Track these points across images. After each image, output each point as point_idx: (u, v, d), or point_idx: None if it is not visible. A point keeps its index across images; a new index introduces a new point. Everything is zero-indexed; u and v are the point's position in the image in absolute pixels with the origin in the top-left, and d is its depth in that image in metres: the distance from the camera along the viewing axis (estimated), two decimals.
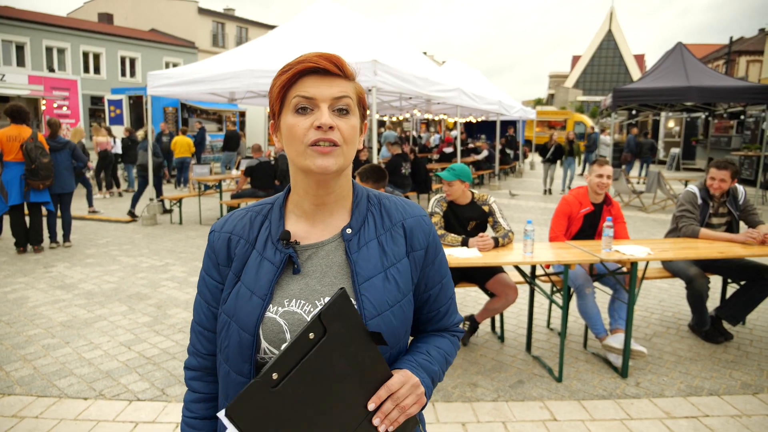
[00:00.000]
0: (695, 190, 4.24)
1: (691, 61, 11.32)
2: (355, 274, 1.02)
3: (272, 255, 1.04)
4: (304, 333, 0.88)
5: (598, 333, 3.73)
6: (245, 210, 1.13)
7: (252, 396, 0.85)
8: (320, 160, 0.97)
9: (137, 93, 16.91)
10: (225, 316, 1.04)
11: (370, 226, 1.08)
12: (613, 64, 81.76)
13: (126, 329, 4.29)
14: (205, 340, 1.12)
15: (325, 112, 0.97)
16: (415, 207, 1.15)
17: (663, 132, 23.68)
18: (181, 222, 9.04)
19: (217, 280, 1.09)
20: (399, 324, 1.03)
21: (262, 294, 1.00)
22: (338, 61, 1.00)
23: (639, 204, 11.57)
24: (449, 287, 1.18)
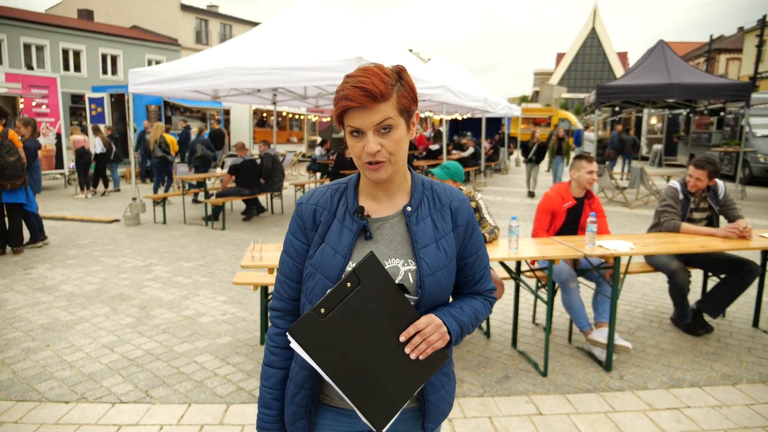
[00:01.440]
0: (677, 185, 4.29)
1: (673, 59, 11.46)
2: (415, 243, 1.29)
3: (350, 224, 1.30)
4: (343, 282, 1.15)
5: (583, 327, 3.77)
6: (326, 187, 1.38)
7: (307, 323, 1.15)
8: (372, 174, 1.24)
9: (119, 91, 16.68)
10: (311, 268, 1.30)
11: (425, 206, 1.34)
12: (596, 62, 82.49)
13: (108, 331, 4.23)
14: (288, 288, 1.38)
15: (371, 140, 1.20)
16: (459, 192, 1.40)
17: (646, 128, 23.96)
18: (164, 221, 8.95)
19: (303, 241, 1.35)
20: (445, 282, 1.30)
21: (344, 253, 1.27)
22: (374, 91, 1.17)
23: (622, 200, 11.70)
24: (484, 258, 1.42)
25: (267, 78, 7.38)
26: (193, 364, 3.65)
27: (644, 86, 10.74)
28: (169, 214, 9.58)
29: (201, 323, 4.40)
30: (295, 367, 1.34)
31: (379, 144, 1.20)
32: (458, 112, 18.37)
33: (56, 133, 13.11)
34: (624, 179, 15.27)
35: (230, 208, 10.45)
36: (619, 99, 11.76)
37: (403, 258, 1.29)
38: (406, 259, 1.29)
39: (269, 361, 1.41)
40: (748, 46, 34.09)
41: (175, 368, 3.59)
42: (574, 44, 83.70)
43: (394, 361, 1.21)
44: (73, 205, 10.81)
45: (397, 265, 1.28)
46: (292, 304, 1.39)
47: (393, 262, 1.28)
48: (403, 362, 1.22)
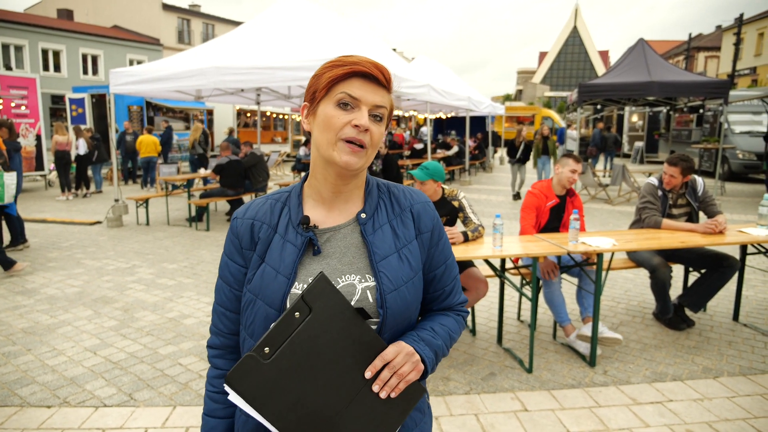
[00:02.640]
0: (655, 182, 4.34)
1: (653, 57, 11.60)
2: (373, 254, 1.12)
3: (294, 238, 1.13)
4: (290, 312, 0.98)
5: (562, 321, 3.81)
6: (265, 198, 1.22)
7: (247, 367, 0.97)
8: (347, 157, 1.07)
9: (100, 91, 16.44)
10: (250, 294, 1.13)
11: (382, 212, 1.19)
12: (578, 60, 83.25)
13: (91, 334, 4.17)
14: (227, 320, 1.20)
15: (365, 114, 1.06)
16: (421, 194, 1.25)
17: (627, 126, 24.25)
18: (148, 223, 8.85)
19: (240, 263, 1.17)
20: (412, 298, 1.14)
21: (287, 273, 1.09)
22: (387, 74, 1.09)
23: (605, 197, 11.82)
24: (453, 268, 1.27)
25: (250, 78, 7.33)
26: (177, 367, 3.61)
27: (625, 84, 10.86)
28: (152, 215, 9.48)
29: (185, 325, 4.36)
30: (241, 417, 1.14)
31: (369, 125, 1.07)
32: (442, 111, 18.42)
33: (36, 135, 12.89)
34: (606, 176, 15.44)
35: (214, 209, 10.37)
36: (601, 97, 11.88)
37: (360, 273, 1.11)
38: (363, 274, 1.11)
39: (210, 410, 1.21)
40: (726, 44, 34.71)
41: (159, 371, 3.55)
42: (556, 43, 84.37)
43: (360, 404, 1.02)
44: (54, 207, 10.64)
45: (352, 282, 1.10)
46: (233, 340, 1.21)
47: (347, 279, 1.11)
48: (372, 403, 1.03)
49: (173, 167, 10.98)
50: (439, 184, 3.79)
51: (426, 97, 10.00)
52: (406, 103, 13.75)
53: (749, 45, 32.77)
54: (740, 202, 11.36)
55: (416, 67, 13.55)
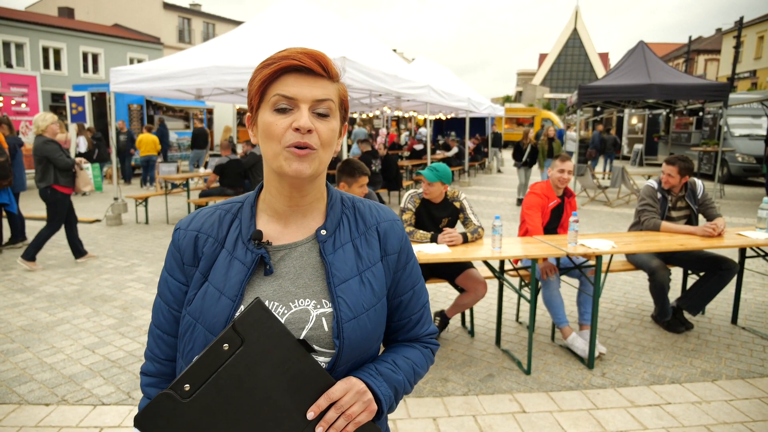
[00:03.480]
0: (654, 184, 4.35)
1: (653, 60, 11.61)
2: (331, 276, 1.00)
3: (243, 255, 1.00)
4: (216, 344, 0.84)
5: (560, 323, 3.82)
6: (213, 207, 1.09)
7: (161, 407, 0.82)
8: (296, 164, 0.95)
9: (100, 90, 16.44)
10: (189, 317, 1.00)
11: (345, 229, 1.06)
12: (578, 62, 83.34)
13: (90, 332, 4.17)
14: (164, 345, 1.07)
15: (304, 114, 0.94)
16: (388, 211, 1.14)
17: (627, 128, 24.26)
18: (147, 222, 8.84)
19: (181, 281, 1.05)
20: (372, 328, 1.02)
21: (232, 295, 0.97)
22: (323, 60, 0.96)
23: (604, 199, 11.83)
24: (422, 295, 1.15)
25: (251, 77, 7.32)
26: None
27: (625, 87, 10.88)
28: (152, 214, 9.47)
29: None
30: None
31: (312, 125, 0.95)
32: (442, 112, 18.42)
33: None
34: (605, 178, 15.45)
35: None
36: (601, 99, 11.90)
37: (315, 298, 1.00)
38: (319, 299, 1.00)
39: None
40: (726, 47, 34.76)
41: None
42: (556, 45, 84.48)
43: None
44: None
45: (306, 308, 0.99)
46: (170, 367, 1.08)
47: (301, 304, 0.99)
48: None
49: (172, 166, 10.98)
50: (446, 187, 3.80)
51: (426, 98, 10.00)
52: (406, 104, 13.75)
53: (749, 48, 32.82)
54: (739, 205, 11.37)
55: (416, 68, 13.56)
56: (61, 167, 5.74)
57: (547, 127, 12.26)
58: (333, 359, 0.97)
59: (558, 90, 77.36)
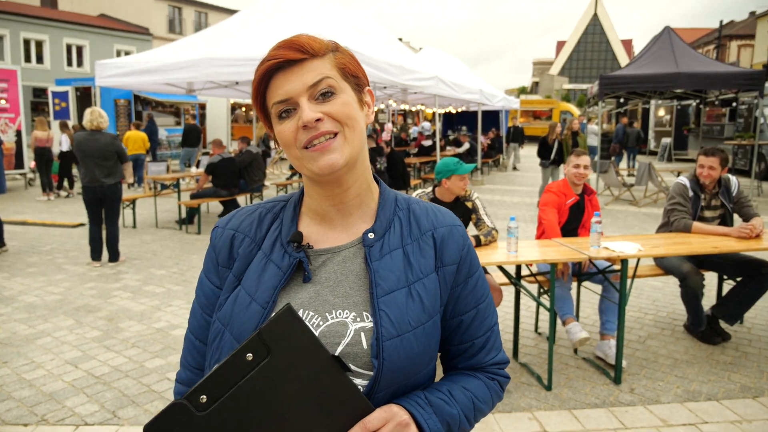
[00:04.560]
0: (685, 181, 4.29)
1: (680, 46, 11.52)
2: (375, 285, 0.95)
3: (279, 258, 0.99)
4: (239, 352, 0.81)
5: (562, 315, 3.81)
6: (255, 206, 1.09)
7: (173, 418, 0.79)
8: (322, 160, 0.92)
9: (85, 84, 16.52)
10: (219, 323, 0.99)
11: (396, 233, 1.02)
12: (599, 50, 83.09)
13: (72, 345, 4.15)
14: (196, 352, 1.07)
15: (305, 108, 0.92)
16: (448, 215, 1.08)
17: (653, 121, 24.14)
18: (134, 225, 8.86)
19: (216, 283, 1.05)
20: (420, 350, 0.95)
21: (264, 301, 0.95)
22: (298, 43, 0.94)
23: (629, 198, 11.75)
24: (488, 315, 1.08)
25: (246, 69, 7.32)
26: (165, 381, 3.58)
27: (650, 76, 10.80)
28: (140, 217, 9.49)
29: (174, 336, 4.33)
30: None
31: (319, 111, 0.92)
32: (452, 105, 18.39)
33: (16, 130, 12.94)
34: (631, 175, 15.36)
35: (206, 211, 10.37)
36: (624, 90, 11.81)
37: (355, 309, 0.95)
38: (360, 311, 0.95)
39: None
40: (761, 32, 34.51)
41: (145, 386, 3.52)
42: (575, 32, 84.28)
43: None
44: (34, 207, 10.67)
45: (344, 320, 0.94)
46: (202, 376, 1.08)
47: (339, 316, 0.95)
48: None
49: (162, 165, 11.01)
50: (466, 181, 3.82)
51: (434, 90, 9.96)
52: (413, 97, 13.73)
53: None
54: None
55: (424, 58, 13.54)
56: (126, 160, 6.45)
57: (570, 119, 12.08)
58: (371, 382, 0.91)
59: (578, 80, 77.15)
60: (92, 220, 6.30)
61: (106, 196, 6.23)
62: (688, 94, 14.11)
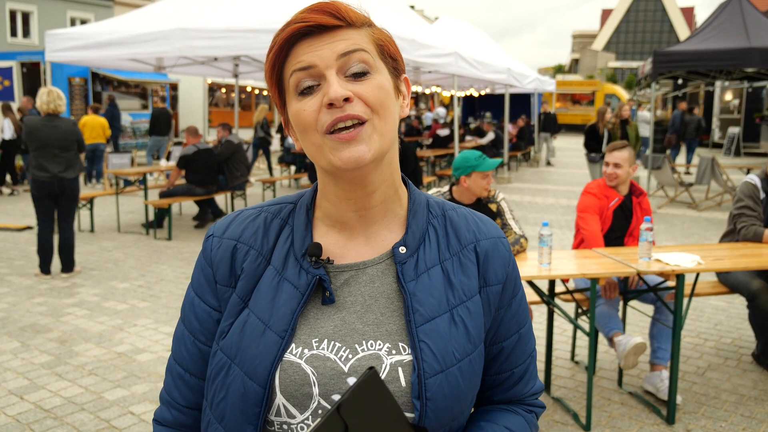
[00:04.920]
0: (755, 180, 4.31)
1: (753, 16, 11.51)
2: (412, 311, 0.95)
3: (295, 276, 0.98)
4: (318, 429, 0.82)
5: (609, 330, 3.79)
6: (257, 209, 1.07)
7: None
8: (347, 151, 0.90)
9: (32, 59, 16.67)
10: (223, 355, 0.97)
11: (432, 246, 1.01)
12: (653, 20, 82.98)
13: (17, 373, 4.21)
14: (185, 387, 1.05)
15: (333, 81, 0.90)
16: (491, 225, 1.09)
17: (718, 107, 24.10)
18: (92, 229, 8.93)
19: (212, 305, 1.03)
20: (466, 386, 0.97)
21: (281, 329, 0.94)
22: (333, 8, 0.93)
23: (688, 199, 11.75)
24: (529, 340, 1.11)
25: (226, 43, 7.38)
26: (128, 416, 3.62)
27: (716, 51, 10.79)
28: (99, 219, 9.57)
29: (139, 362, 4.38)
30: None
31: (348, 90, 0.91)
32: (474, 87, 18.43)
33: None
34: (689, 172, 15.34)
35: (178, 212, 10.44)
36: (683, 69, 11.81)
37: (389, 340, 0.96)
38: (395, 341, 0.96)
39: None
40: None
41: (104, 421, 3.56)
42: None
43: None
44: None
45: (377, 353, 0.95)
46: (192, 417, 1.06)
47: (370, 347, 0.95)
48: None
49: (125, 157, 11.10)
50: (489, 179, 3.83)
51: (452, 69, 10.00)
52: (427, 77, 13.79)
53: None
54: None
55: (440, 29, 13.60)
56: (84, 149, 6.66)
57: (620, 105, 12.06)
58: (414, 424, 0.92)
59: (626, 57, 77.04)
60: (43, 222, 6.37)
61: (64, 192, 6.30)
62: (761, 74, 14.09)
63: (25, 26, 30.94)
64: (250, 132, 21.73)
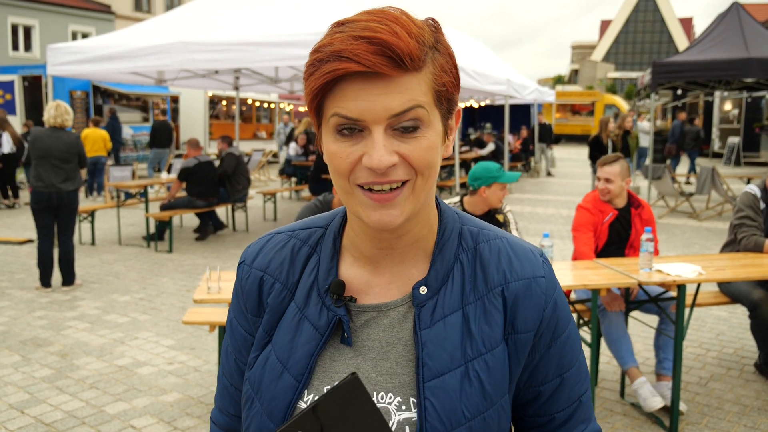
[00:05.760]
0: (756, 190, 4.31)
1: (751, 26, 11.56)
2: (421, 364, 0.90)
3: (316, 315, 0.95)
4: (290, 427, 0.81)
5: (624, 363, 3.77)
6: (288, 234, 1.04)
7: None
8: (377, 213, 0.86)
9: (34, 72, 16.74)
10: (249, 387, 0.99)
11: (455, 287, 0.94)
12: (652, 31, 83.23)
13: (18, 387, 4.20)
14: (230, 398, 1.09)
15: (378, 145, 0.82)
16: (526, 261, 0.98)
17: (718, 117, 24.14)
18: (93, 242, 8.93)
19: (246, 329, 1.04)
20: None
21: (298, 373, 0.93)
22: (397, 48, 0.79)
23: (689, 209, 11.75)
24: (576, 383, 1.01)
25: (227, 56, 7.42)
26: (129, 430, 3.61)
27: (714, 62, 10.84)
28: (100, 232, 9.57)
29: (140, 376, 4.37)
30: None
31: (394, 153, 0.83)
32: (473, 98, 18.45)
33: None
34: (690, 182, 15.34)
35: (179, 224, 10.45)
36: (682, 79, 11.86)
37: (401, 393, 0.92)
38: (406, 395, 0.91)
39: None
40: None
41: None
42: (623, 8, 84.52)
43: None
44: None
45: (386, 407, 0.91)
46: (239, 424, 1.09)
47: (380, 400, 0.91)
48: None
49: (126, 170, 11.10)
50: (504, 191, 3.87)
51: None
52: None
53: None
54: None
55: None
56: (85, 165, 6.71)
57: (622, 116, 12.03)
58: None
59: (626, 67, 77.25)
60: (43, 235, 6.38)
61: (63, 204, 6.32)
62: (760, 84, 14.12)
63: (26, 40, 31.07)
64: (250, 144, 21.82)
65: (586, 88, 45.76)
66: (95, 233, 9.10)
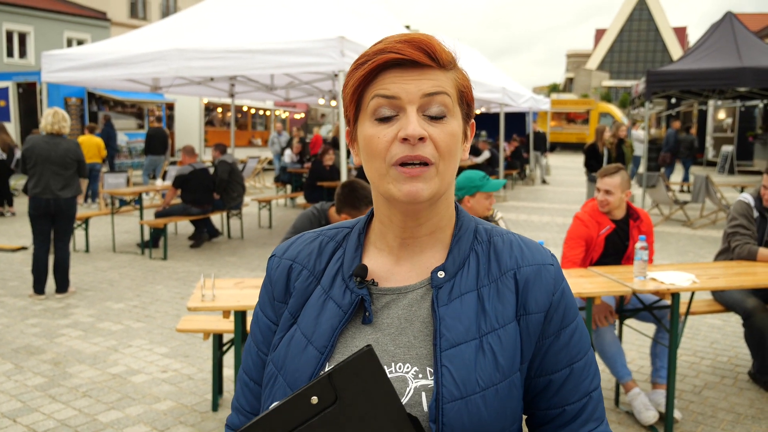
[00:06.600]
0: (749, 199, 4.33)
1: (745, 36, 11.63)
2: (439, 336, 0.97)
3: (340, 295, 1.04)
4: (304, 393, 0.83)
5: (621, 377, 3.78)
6: (317, 233, 1.16)
7: None
8: (407, 186, 0.96)
9: (29, 79, 16.72)
10: (272, 366, 1.05)
11: (471, 272, 1.04)
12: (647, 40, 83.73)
13: (10, 395, 4.18)
14: (250, 394, 1.14)
15: (412, 119, 0.95)
16: (537, 251, 1.08)
17: (712, 125, 24.26)
18: (87, 249, 8.91)
19: (271, 319, 1.12)
20: (491, 417, 0.94)
21: (321, 345, 1.00)
22: (429, 46, 0.97)
23: (683, 217, 11.79)
24: (586, 377, 1.06)
25: (222, 63, 7.43)
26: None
27: (708, 71, 10.89)
28: (94, 239, 9.55)
29: (134, 384, 4.36)
30: None
31: (425, 131, 0.96)
32: None
33: None
34: (684, 190, 15.40)
35: (174, 232, 10.43)
36: (676, 88, 11.92)
37: (418, 363, 0.98)
38: (423, 365, 0.98)
39: None
40: None
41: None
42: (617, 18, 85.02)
43: None
44: None
45: (404, 376, 0.98)
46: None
47: (398, 370, 0.98)
48: None
49: (121, 177, 11.09)
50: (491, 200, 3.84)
51: None
52: None
53: None
54: None
55: None
56: (85, 174, 6.79)
57: (618, 125, 12.02)
58: None
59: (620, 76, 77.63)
60: (38, 241, 6.37)
61: (60, 211, 6.31)
62: (753, 93, 14.21)
63: (21, 46, 31.02)
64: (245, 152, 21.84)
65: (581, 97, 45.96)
66: (89, 240, 9.07)
